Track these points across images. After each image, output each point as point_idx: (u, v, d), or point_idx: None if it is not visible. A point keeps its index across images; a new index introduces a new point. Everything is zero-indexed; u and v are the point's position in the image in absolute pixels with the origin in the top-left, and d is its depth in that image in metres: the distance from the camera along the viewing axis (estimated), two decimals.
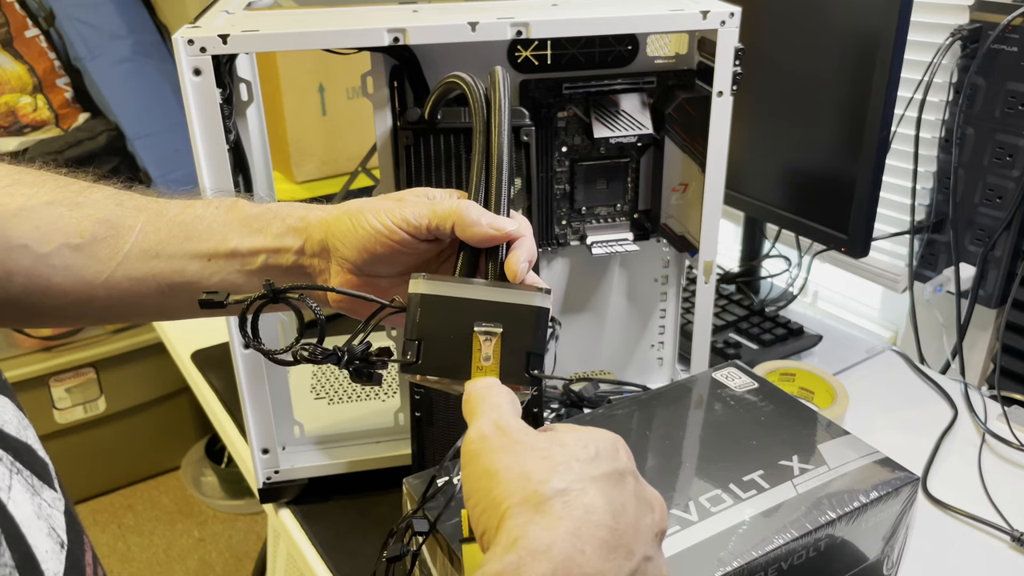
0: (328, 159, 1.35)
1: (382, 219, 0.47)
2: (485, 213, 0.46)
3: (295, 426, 0.79)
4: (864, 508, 0.55)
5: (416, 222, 0.47)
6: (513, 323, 0.44)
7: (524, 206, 0.71)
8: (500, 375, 0.44)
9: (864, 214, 0.88)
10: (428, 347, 0.44)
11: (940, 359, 1.08)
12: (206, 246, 0.49)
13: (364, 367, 0.46)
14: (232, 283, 0.50)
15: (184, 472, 2.07)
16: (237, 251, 0.49)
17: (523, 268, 0.46)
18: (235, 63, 0.68)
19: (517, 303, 0.44)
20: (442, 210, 0.46)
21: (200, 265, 0.49)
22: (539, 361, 0.44)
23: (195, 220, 0.50)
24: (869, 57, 0.82)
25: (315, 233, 0.49)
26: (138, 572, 1.84)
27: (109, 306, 0.50)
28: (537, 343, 0.44)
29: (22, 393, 1.81)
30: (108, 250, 0.48)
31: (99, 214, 0.49)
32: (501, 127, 0.49)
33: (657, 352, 0.89)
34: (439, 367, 0.44)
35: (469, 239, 0.46)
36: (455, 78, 0.52)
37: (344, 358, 0.45)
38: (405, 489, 0.58)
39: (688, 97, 0.74)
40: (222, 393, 0.99)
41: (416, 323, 0.44)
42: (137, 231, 0.49)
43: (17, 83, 1.80)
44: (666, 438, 0.63)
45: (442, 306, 0.44)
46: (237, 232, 0.49)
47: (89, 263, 0.48)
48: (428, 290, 0.44)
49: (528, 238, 0.47)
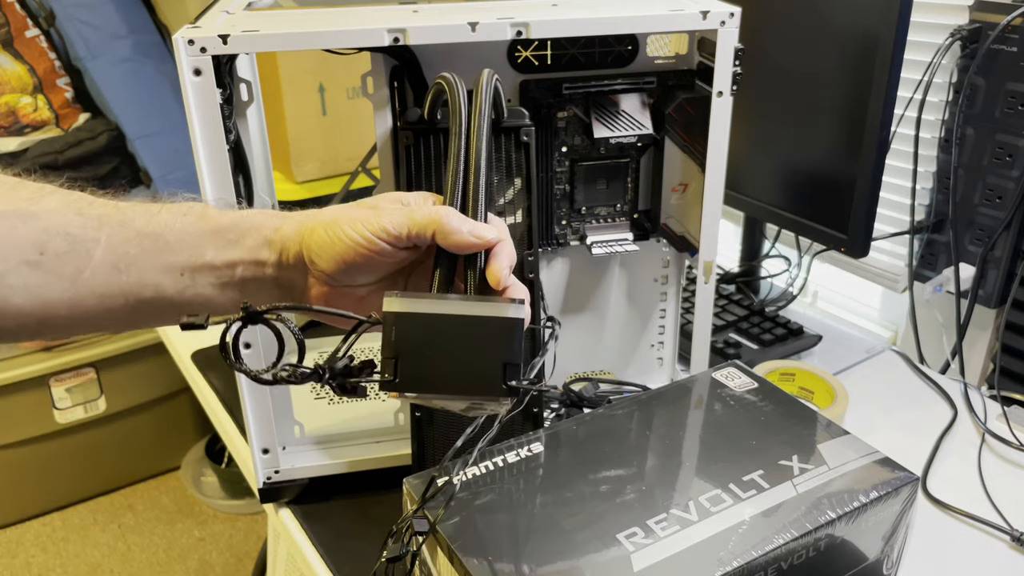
0: (328, 159, 1.35)
1: (359, 230, 0.45)
2: (465, 220, 0.46)
3: (295, 426, 0.79)
4: (864, 508, 0.55)
5: (395, 231, 0.46)
6: (489, 336, 0.44)
7: (524, 206, 0.70)
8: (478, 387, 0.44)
9: (864, 214, 0.88)
10: (404, 365, 0.44)
11: (940, 359, 1.08)
12: (179, 259, 0.47)
13: (346, 382, 0.46)
14: (206, 296, 0.48)
15: (184, 472, 2.07)
16: (212, 264, 0.47)
17: (504, 275, 0.46)
18: (235, 63, 0.68)
19: (491, 316, 0.44)
20: (421, 218, 0.46)
21: (173, 279, 0.47)
22: (516, 371, 0.44)
23: (165, 231, 0.46)
24: (869, 57, 0.82)
25: (291, 245, 0.47)
26: (138, 572, 1.84)
27: (72, 324, 0.47)
28: (513, 354, 0.44)
29: (22, 393, 1.81)
30: (71, 266, 0.44)
31: (56, 226, 0.44)
32: (480, 130, 0.49)
33: (657, 352, 0.89)
34: (416, 384, 0.44)
35: (450, 247, 0.46)
36: (440, 78, 0.52)
37: (326, 376, 0.45)
38: (405, 489, 0.58)
39: (688, 97, 0.74)
40: (222, 393, 0.99)
41: (392, 341, 0.44)
42: (102, 245, 0.45)
43: (17, 83, 1.80)
44: (666, 438, 0.63)
45: (417, 323, 0.44)
46: (211, 244, 0.47)
47: (50, 281, 0.44)
48: (402, 308, 0.44)
49: (507, 243, 0.47)
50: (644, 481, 0.58)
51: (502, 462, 0.59)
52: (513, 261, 0.47)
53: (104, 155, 1.77)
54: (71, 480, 1.98)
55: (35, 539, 1.93)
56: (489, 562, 0.51)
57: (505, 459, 0.60)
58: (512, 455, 0.60)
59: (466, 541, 0.52)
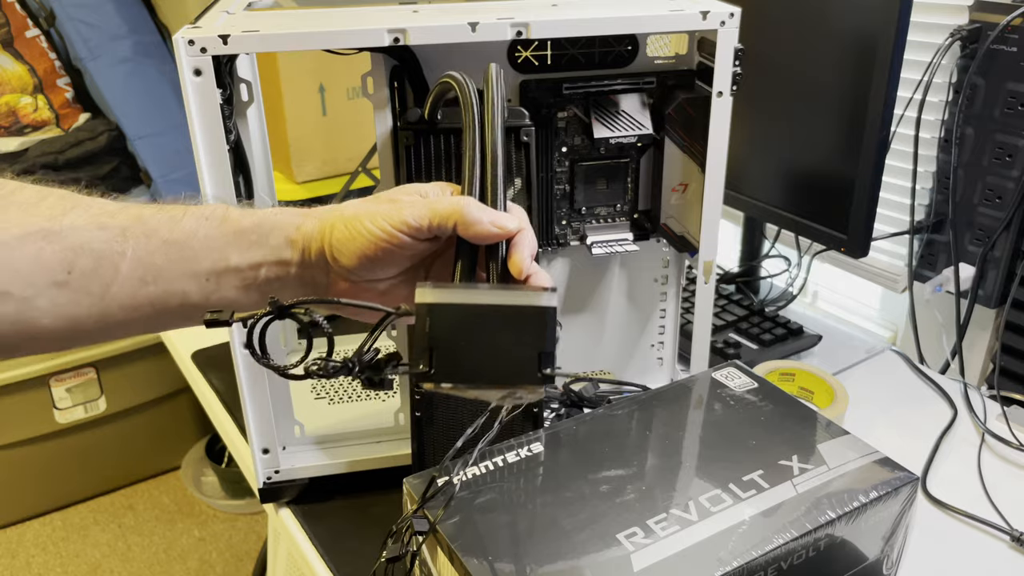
0: (328, 159, 1.35)
1: (380, 224, 0.46)
2: (486, 210, 0.46)
3: (295, 426, 0.79)
4: (864, 508, 0.55)
5: (416, 223, 0.46)
6: (522, 325, 0.44)
7: (524, 206, 0.70)
8: (514, 376, 0.44)
9: (864, 214, 0.88)
10: (440, 356, 0.44)
11: (940, 359, 1.08)
12: (204, 265, 0.47)
13: (375, 375, 0.46)
14: (231, 299, 0.48)
15: (184, 472, 2.07)
16: (237, 267, 0.47)
17: (527, 265, 0.46)
18: (235, 63, 0.68)
19: (524, 304, 0.44)
20: (443, 209, 0.46)
21: (198, 285, 0.47)
22: (550, 360, 0.44)
23: (189, 238, 0.47)
24: (869, 57, 0.82)
25: (312, 243, 0.48)
26: (138, 572, 1.84)
27: (98, 335, 0.47)
28: (548, 343, 0.44)
29: (22, 393, 1.81)
30: (97, 282, 0.45)
31: (82, 243, 0.44)
32: (495, 121, 0.49)
33: (657, 352, 0.89)
34: (453, 375, 0.44)
35: (472, 238, 0.46)
36: (447, 77, 0.52)
37: (356, 369, 0.45)
38: (405, 489, 0.58)
39: (688, 97, 0.74)
40: (222, 393, 0.99)
41: (427, 333, 0.44)
42: (128, 258, 0.45)
43: (18, 83, 1.80)
44: (666, 438, 0.63)
45: (451, 314, 0.44)
46: (234, 247, 0.47)
47: (78, 299, 0.44)
48: (436, 299, 0.44)
49: (528, 231, 0.47)
50: (644, 481, 0.58)
51: (502, 462, 0.59)
52: (534, 250, 0.47)
53: (104, 155, 1.77)
54: (71, 480, 1.98)
55: (35, 539, 1.93)
56: (489, 562, 0.51)
57: (505, 459, 0.60)
58: (512, 455, 0.60)
59: (466, 541, 0.52)
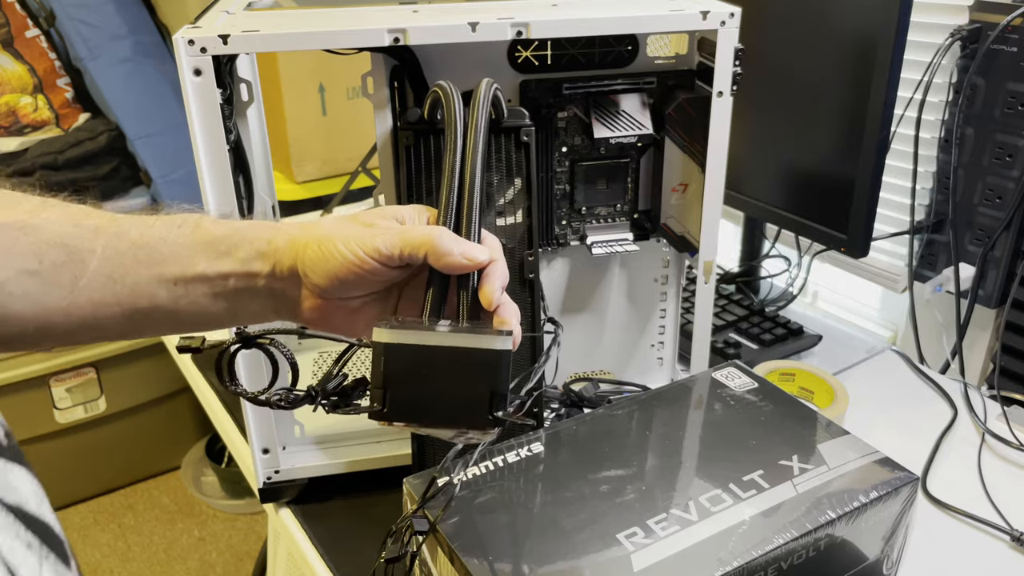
0: (328, 159, 1.35)
1: (352, 248, 0.46)
2: (458, 241, 0.46)
3: (295, 426, 0.79)
4: (864, 508, 0.55)
5: (388, 251, 0.46)
6: (476, 366, 0.44)
7: (524, 206, 0.71)
8: (464, 418, 0.45)
9: (864, 214, 0.88)
10: (394, 394, 0.44)
11: (940, 359, 1.08)
12: (172, 270, 0.48)
13: (340, 402, 0.46)
14: (200, 305, 0.49)
15: (184, 472, 2.07)
16: (205, 275, 0.48)
17: (496, 297, 0.46)
18: (235, 63, 0.68)
19: (478, 347, 0.44)
20: (414, 239, 0.46)
21: (166, 290, 0.48)
22: (502, 401, 0.44)
23: (159, 242, 0.48)
24: (869, 57, 0.82)
25: (284, 258, 0.48)
26: (138, 572, 1.84)
27: (70, 331, 0.48)
28: (500, 384, 0.44)
29: (22, 393, 1.81)
30: (68, 275, 0.46)
31: (55, 236, 0.46)
32: (476, 146, 0.48)
33: (657, 352, 0.89)
34: (405, 414, 0.45)
35: (443, 268, 0.46)
36: (436, 87, 0.52)
37: (318, 398, 0.46)
38: (405, 489, 0.58)
39: (688, 97, 0.74)
40: (222, 393, 0.99)
41: (381, 372, 0.44)
42: (98, 255, 0.46)
43: (18, 83, 1.80)
44: (666, 438, 0.63)
45: (406, 354, 0.44)
46: (203, 255, 0.48)
47: (49, 289, 0.46)
48: (391, 339, 0.44)
49: (499, 263, 0.47)
50: (644, 481, 0.58)
51: (502, 462, 0.60)
52: (505, 281, 0.47)
53: (104, 155, 1.77)
54: (71, 480, 1.98)
55: None
56: (489, 562, 0.51)
57: (505, 459, 0.60)
58: (512, 455, 0.60)
59: (466, 541, 0.52)
